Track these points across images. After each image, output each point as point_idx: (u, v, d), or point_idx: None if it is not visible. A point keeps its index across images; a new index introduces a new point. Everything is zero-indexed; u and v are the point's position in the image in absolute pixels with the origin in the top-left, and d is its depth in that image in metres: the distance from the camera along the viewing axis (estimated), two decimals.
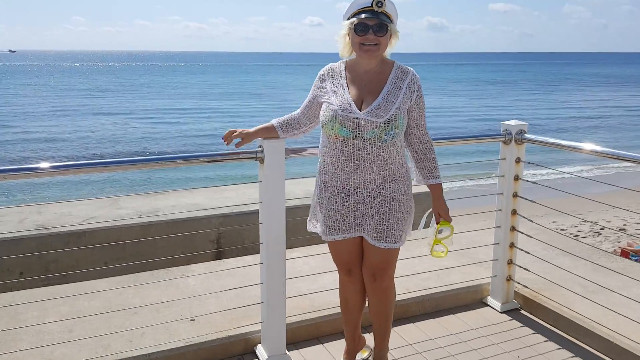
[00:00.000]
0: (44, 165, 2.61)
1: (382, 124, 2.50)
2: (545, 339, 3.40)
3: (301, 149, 3.05)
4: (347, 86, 2.62)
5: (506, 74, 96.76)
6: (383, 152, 2.55)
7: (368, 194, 2.62)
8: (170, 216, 5.28)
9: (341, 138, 2.55)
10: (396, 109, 2.53)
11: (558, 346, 3.31)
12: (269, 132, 2.85)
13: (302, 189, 6.00)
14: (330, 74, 2.70)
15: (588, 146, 3.36)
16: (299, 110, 2.85)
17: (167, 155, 3.06)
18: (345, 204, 2.65)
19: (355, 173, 2.59)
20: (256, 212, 5.33)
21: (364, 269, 2.78)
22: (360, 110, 2.53)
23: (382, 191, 2.62)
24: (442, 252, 2.81)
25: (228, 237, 5.43)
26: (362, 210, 2.64)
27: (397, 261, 2.79)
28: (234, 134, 2.79)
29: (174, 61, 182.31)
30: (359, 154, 2.55)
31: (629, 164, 3.29)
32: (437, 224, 2.78)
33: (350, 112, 2.52)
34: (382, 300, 2.83)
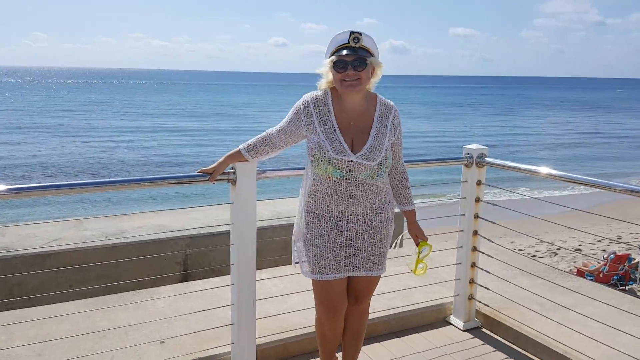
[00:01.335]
0: (1, 187, 2.56)
1: (375, 167, 2.58)
2: (505, 356, 3.53)
3: (272, 170, 3.14)
4: (337, 124, 2.61)
5: (468, 97, 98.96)
6: (373, 187, 2.65)
7: (360, 227, 2.68)
8: (137, 238, 5.26)
9: (334, 179, 2.59)
10: (385, 149, 2.62)
11: None
12: (237, 158, 2.87)
13: (269, 210, 6.07)
14: (317, 105, 2.65)
15: (544, 170, 3.53)
16: (274, 133, 2.77)
17: (147, 177, 3.06)
18: (338, 240, 2.67)
19: (349, 209, 2.64)
20: (223, 234, 5.44)
21: (349, 293, 2.82)
22: (352, 151, 2.58)
23: (373, 222, 2.70)
24: (422, 269, 2.96)
25: (195, 258, 5.44)
26: (355, 245, 2.68)
27: None
28: (205, 170, 2.90)
29: (137, 79, 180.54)
30: (353, 192, 2.61)
31: (583, 186, 3.47)
32: (416, 245, 2.94)
33: (344, 155, 2.56)
34: (359, 322, 2.92)
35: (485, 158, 3.74)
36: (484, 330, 3.86)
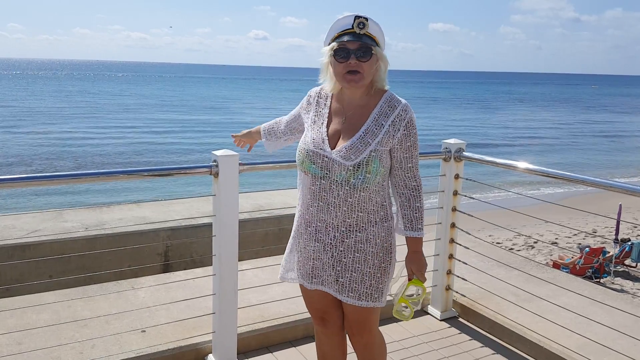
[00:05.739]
0: None
1: (350, 168, 2.20)
2: (481, 344, 3.61)
3: (255, 163, 3.17)
4: (328, 117, 2.35)
5: (448, 91, 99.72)
6: (351, 198, 2.24)
7: (330, 241, 2.31)
8: (117, 229, 5.26)
9: (310, 175, 2.29)
10: (371, 151, 2.21)
11: (493, 351, 3.53)
12: (258, 135, 2.84)
13: (251, 203, 6.09)
14: (317, 98, 2.43)
15: (522, 165, 3.57)
16: (285, 117, 2.67)
17: (126, 169, 3.06)
18: (307, 247, 2.38)
19: (318, 215, 2.31)
20: (204, 226, 5.47)
21: (345, 321, 2.50)
22: (335, 148, 2.26)
23: (345, 240, 2.29)
24: (407, 313, 2.42)
25: (176, 250, 5.46)
26: (323, 259, 2.34)
27: None
28: (240, 138, 2.93)
29: (115, 71, 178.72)
30: (324, 196, 2.27)
31: (560, 181, 3.53)
32: (408, 280, 2.38)
33: (321, 149, 2.26)
34: (366, 357, 2.51)
35: (463, 152, 3.81)
36: (460, 319, 3.94)
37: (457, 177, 3.83)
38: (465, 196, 3.98)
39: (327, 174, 2.24)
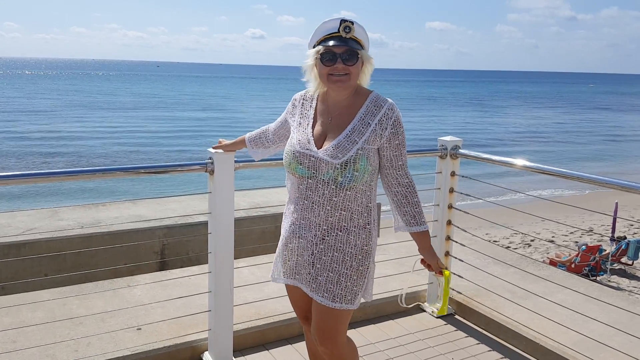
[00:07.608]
0: None
1: (338, 166, 2.22)
2: (477, 341, 3.61)
3: (250, 161, 3.15)
4: (313, 119, 2.38)
5: (445, 90, 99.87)
6: (336, 197, 2.26)
7: (311, 238, 2.33)
8: (113, 227, 5.25)
9: (298, 176, 2.32)
10: (358, 149, 2.23)
11: (489, 348, 3.53)
12: (242, 145, 2.86)
13: (247, 201, 6.09)
14: (302, 101, 2.46)
15: (519, 162, 3.58)
16: (272, 126, 2.69)
17: (123, 166, 3.06)
18: (288, 245, 2.42)
19: (302, 214, 2.34)
20: (201, 224, 5.46)
21: (312, 326, 2.43)
22: (322, 148, 2.28)
23: (325, 238, 2.31)
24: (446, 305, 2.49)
25: (172, 248, 5.45)
26: (304, 256, 2.36)
27: None
28: (224, 149, 2.95)
29: (111, 70, 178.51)
30: (310, 195, 2.29)
31: (557, 178, 3.52)
32: (440, 275, 2.45)
33: (307, 149, 2.28)
34: None
35: (459, 149, 3.81)
36: (456, 317, 3.94)
37: (453, 174, 3.84)
38: (462, 194, 3.98)
39: (314, 173, 2.26)
